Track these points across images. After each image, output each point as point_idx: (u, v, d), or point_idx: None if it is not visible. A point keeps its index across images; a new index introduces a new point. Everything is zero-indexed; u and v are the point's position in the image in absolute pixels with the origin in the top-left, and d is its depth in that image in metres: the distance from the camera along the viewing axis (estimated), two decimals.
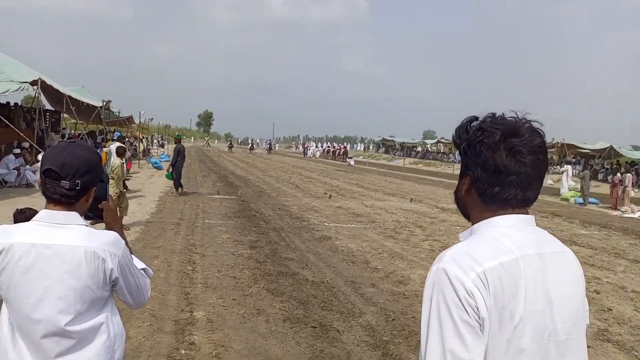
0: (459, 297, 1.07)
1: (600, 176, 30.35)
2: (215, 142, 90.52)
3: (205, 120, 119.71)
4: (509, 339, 1.08)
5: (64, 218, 1.53)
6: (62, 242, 1.50)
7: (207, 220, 9.85)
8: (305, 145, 64.00)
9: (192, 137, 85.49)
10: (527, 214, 1.22)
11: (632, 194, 18.55)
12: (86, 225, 1.57)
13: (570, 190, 20.65)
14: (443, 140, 55.94)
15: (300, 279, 6.10)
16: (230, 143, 63.87)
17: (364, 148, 78.91)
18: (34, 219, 1.56)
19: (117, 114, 25.41)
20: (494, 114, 1.23)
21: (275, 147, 78.29)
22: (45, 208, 1.56)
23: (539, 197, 1.26)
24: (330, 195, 15.60)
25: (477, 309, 1.06)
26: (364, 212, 12.31)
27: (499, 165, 1.17)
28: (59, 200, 1.54)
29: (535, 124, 1.21)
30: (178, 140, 15.00)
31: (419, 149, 56.98)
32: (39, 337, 1.49)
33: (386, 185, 21.38)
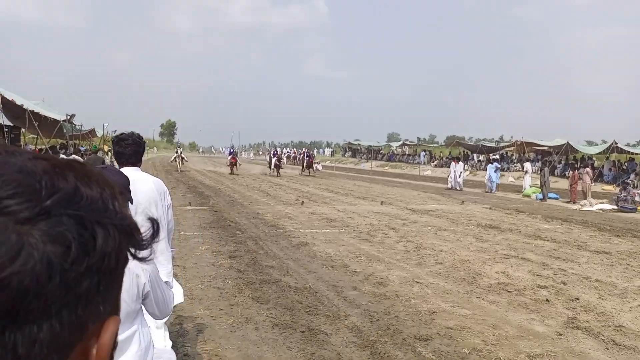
0: None
1: (557, 172, 31.68)
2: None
3: (168, 129, 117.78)
4: None
5: None
6: None
7: (182, 232, 9.82)
8: (276, 152, 35.33)
9: (155, 148, 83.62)
10: (135, 166, 2.99)
11: (592, 187, 19.47)
12: None
13: (531, 186, 21.52)
14: (408, 143, 57.08)
15: (283, 285, 6.23)
16: (234, 156, 32.03)
17: (332, 153, 79.40)
18: None
19: (79, 127, 24.85)
20: (130, 133, 3.08)
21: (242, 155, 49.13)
22: None
23: (503, 194, 7.05)
24: (303, 201, 15.75)
25: None
26: (337, 217, 12.52)
27: (116, 150, 2.99)
28: None
29: (135, 134, 3.06)
30: (94, 152, 14.91)
31: (384, 151, 57.86)
32: None
33: (355, 189, 21.69)
